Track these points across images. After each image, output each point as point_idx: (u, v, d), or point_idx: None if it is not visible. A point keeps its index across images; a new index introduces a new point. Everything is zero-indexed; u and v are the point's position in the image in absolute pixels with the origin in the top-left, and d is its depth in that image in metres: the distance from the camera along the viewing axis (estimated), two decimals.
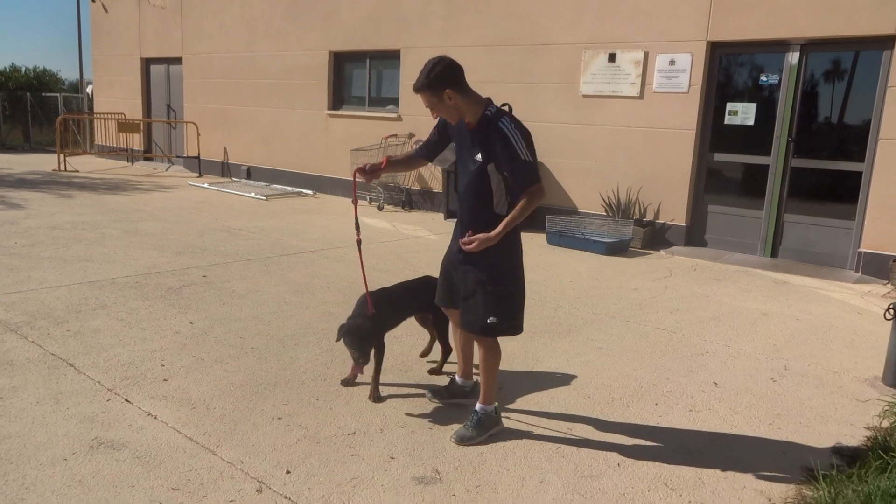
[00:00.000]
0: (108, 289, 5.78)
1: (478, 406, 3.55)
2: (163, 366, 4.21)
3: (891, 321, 4.39)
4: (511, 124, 3.21)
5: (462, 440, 3.44)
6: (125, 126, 15.49)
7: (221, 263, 6.85)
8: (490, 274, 3.35)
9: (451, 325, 3.94)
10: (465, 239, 3.29)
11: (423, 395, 3.93)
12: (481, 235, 3.25)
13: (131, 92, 16.70)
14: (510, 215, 3.25)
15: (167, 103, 16.15)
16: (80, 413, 3.54)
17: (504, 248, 3.33)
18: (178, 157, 15.63)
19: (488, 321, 3.37)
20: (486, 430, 3.50)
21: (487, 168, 3.29)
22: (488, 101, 3.33)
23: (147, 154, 16.57)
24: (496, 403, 3.59)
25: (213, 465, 3.09)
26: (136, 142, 16.25)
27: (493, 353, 3.50)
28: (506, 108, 3.34)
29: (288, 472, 3.07)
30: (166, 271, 6.45)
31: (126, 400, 3.71)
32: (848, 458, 3.34)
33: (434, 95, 3.26)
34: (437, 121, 3.60)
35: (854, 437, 3.65)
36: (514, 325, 3.47)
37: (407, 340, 4.72)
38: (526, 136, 3.23)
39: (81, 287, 5.79)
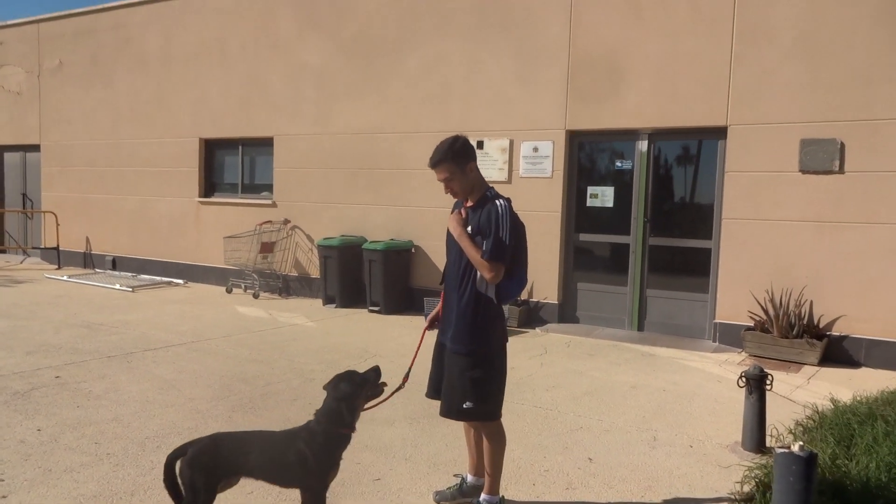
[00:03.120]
0: None
1: (482, 497, 3.52)
2: (2, 480, 3.81)
3: (744, 388, 4.69)
4: (505, 207, 3.41)
5: None
6: None
7: (78, 362, 6.37)
8: (470, 359, 3.42)
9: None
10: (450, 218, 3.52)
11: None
12: (454, 219, 3.47)
13: None
14: (467, 245, 3.40)
15: (23, 192, 15.22)
16: None
17: (486, 336, 3.44)
18: (34, 248, 14.64)
19: (464, 406, 3.41)
20: None
21: (475, 239, 3.42)
22: (490, 186, 3.57)
23: None
24: (502, 495, 3.57)
25: None
26: None
27: (496, 442, 3.50)
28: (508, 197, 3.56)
29: None
30: (13, 373, 5.92)
31: None
32: None
33: (458, 167, 3.43)
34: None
35: (718, 503, 3.80)
36: (490, 410, 3.48)
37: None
38: (514, 224, 3.40)
39: None
